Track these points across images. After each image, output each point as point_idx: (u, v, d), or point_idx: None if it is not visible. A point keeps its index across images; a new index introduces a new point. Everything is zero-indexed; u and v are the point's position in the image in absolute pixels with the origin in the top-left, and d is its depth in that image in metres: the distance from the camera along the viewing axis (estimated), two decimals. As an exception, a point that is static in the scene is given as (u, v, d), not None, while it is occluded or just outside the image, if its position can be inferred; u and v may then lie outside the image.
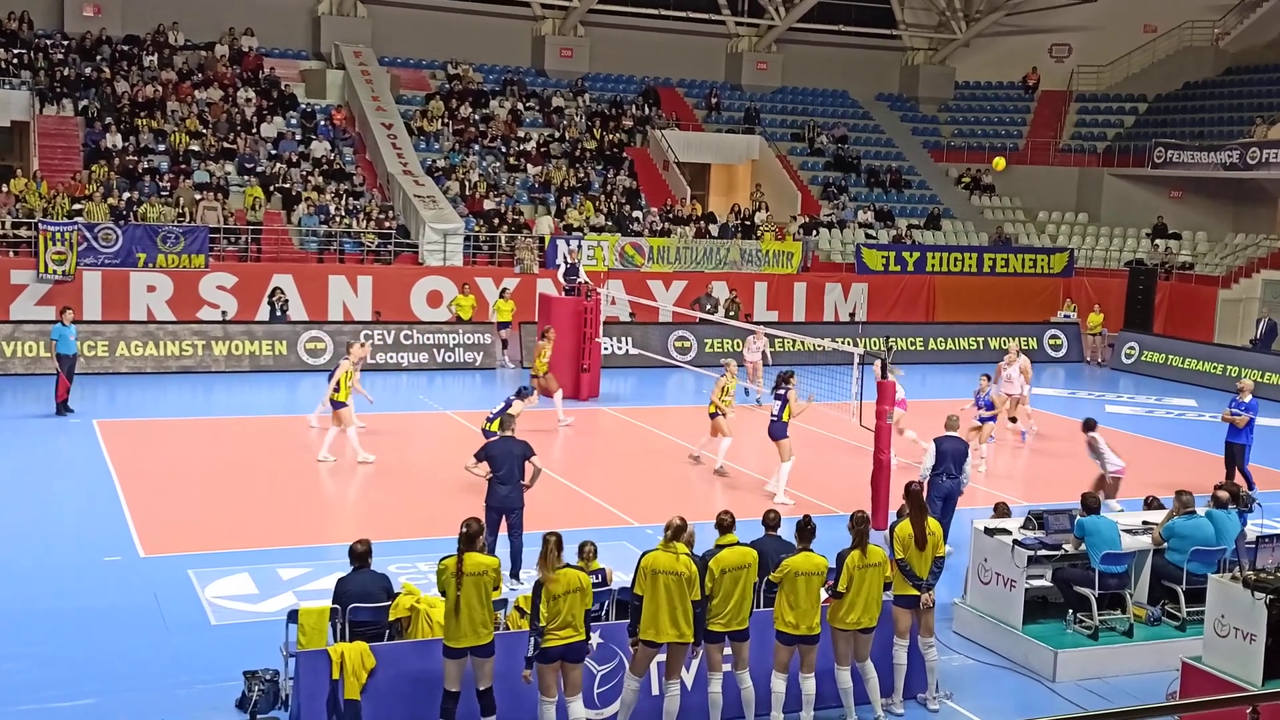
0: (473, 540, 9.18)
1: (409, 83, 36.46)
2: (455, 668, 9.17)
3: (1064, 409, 25.24)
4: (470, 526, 9.26)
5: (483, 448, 13.12)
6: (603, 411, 22.68)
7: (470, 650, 9.11)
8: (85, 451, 18.08)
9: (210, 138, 31.40)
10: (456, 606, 9.01)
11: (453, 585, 9.03)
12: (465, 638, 9.06)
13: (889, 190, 38.70)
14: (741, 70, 41.20)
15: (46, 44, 32.51)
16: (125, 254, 26.27)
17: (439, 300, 28.56)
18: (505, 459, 12.78)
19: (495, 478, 12.80)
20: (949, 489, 13.65)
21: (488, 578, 9.13)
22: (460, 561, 9.06)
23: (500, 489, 12.75)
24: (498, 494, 12.75)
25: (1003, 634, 11.81)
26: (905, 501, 10.85)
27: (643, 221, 33.09)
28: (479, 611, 9.06)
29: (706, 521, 10.99)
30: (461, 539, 9.20)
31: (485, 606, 9.11)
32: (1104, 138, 40.54)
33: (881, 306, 32.75)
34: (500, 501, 12.71)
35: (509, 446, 12.91)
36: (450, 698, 9.20)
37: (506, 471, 12.74)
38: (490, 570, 9.17)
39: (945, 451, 13.69)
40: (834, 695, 10.15)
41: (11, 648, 10.97)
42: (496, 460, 12.80)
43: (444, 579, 9.11)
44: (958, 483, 13.69)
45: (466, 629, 9.04)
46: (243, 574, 13.01)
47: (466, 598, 9.00)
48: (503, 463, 12.75)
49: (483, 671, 9.21)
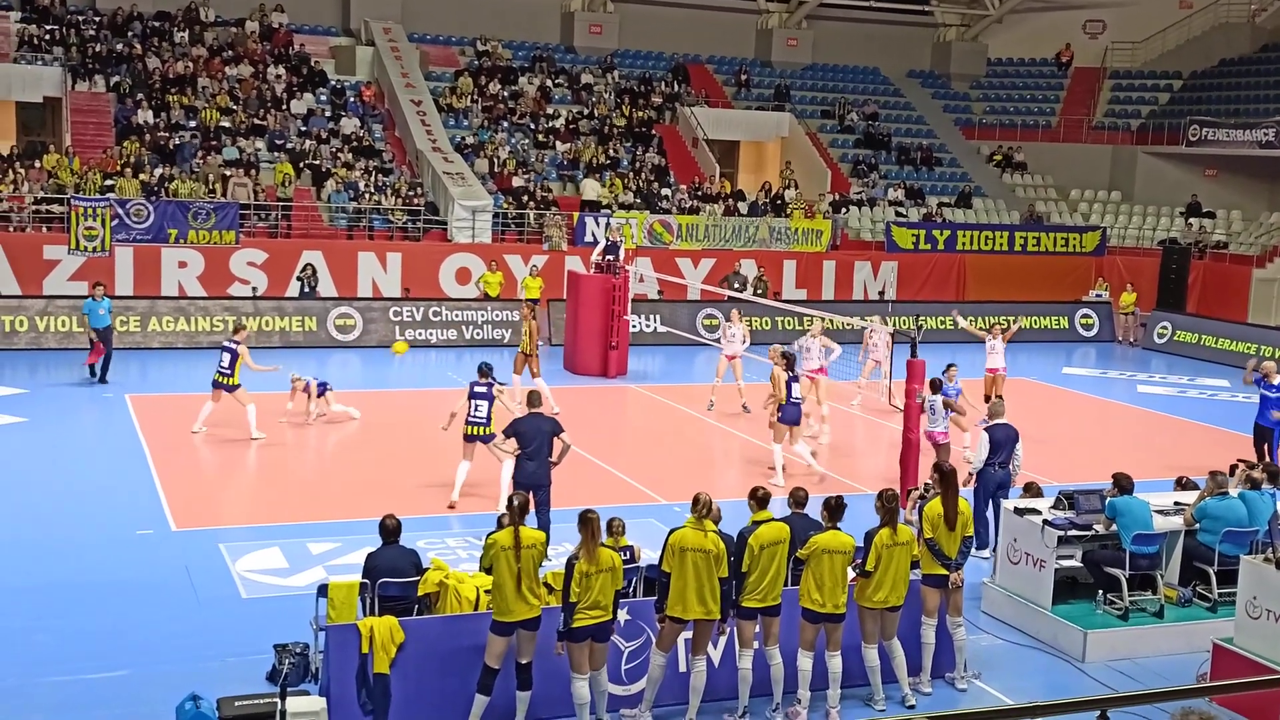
0: (524, 512, 9.23)
1: (438, 59, 36.43)
2: (502, 644, 9.20)
3: (1095, 389, 25.09)
4: (520, 499, 9.36)
5: (511, 424, 13.07)
6: (631, 389, 22.68)
7: (520, 624, 9.15)
8: (118, 426, 18.23)
9: (241, 114, 31.50)
10: (518, 580, 9.03)
11: (507, 559, 9.04)
12: (519, 611, 9.10)
13: (919, 168, 38.45)
14: (771, 47, 40.95)
15: (79, 20, 32.64)
16: (157, 230, 26.41)
17: (468, 277, 28.60)
18: (534, 435, 12.75)
19: (524, 454, 12.77)
20: (1001, 479, 13.25)
21: (538, 550, 9.21)
22: (517, 535, 9.09)
23: (528, 465, 12.72)
24: (525, 470, 12.73)
25: (1032, 614, 11.76)
26: (935, 480, 10.80)
27: (671, 199, 33.01)
28: (532, 584, 9.13)
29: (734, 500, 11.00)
30: (511, 512, 9.26)
31: (535, 580, 9.19)
32: (1138, 115, 40.13)
33: (911, 285, 32.58)
34: (528, 478, 12.67)
35: (538, 423, 12.89)
36: (490, 673, 9.24)
37: (535, 448, 12.72)
38: (539, 544, 9.25)
39: (1000, 441, 13.22)
40: (861, 673, 10.14)
41: (44, 620, 11.09)
42: (525, 437, 12.76)
43: (494, 553, 9.12)
44: (1008, 474, 13.31)
45: (521, 603, 9.08)
46: (273, 548, 13.10)
47: (525, 571, 9.05)
48: (532, 439, 12.72)
49: (528, 646, 9.26)
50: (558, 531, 13.38)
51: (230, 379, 17.47)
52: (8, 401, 19.31)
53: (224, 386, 17.53)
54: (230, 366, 17.46)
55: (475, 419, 14.59)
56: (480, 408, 14.57)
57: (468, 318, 26.56)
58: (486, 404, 14.60)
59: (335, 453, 17.45)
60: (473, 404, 14.58)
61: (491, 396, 14.72)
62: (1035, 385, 24.95)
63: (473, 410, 14.58)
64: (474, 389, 14.68)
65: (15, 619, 11.07)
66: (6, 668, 10.08)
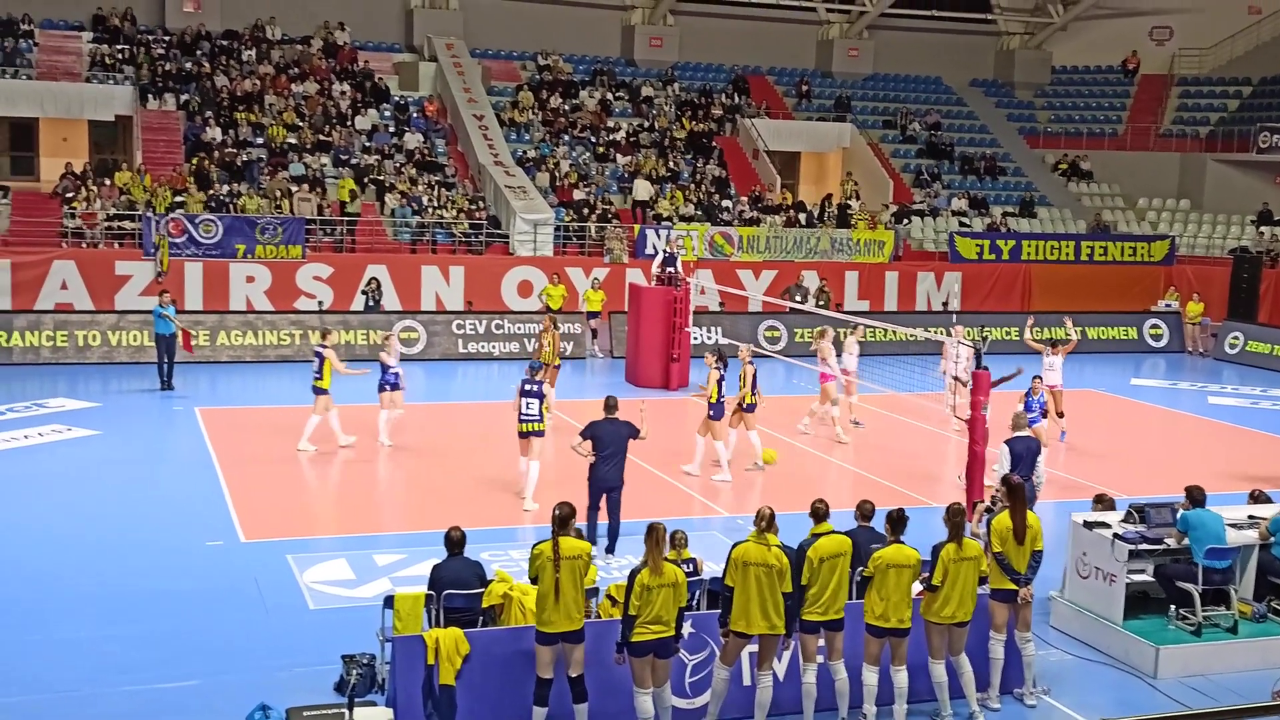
0: (565, 523, 9.20)
1: (500, 74, 36.72)
2: (549, 654, 9.21)
3: (1165, 400, 24.70)
4: (563, 510, 9.28)
5: (588, 427, 13.45)
6: (692, 401, 22.63)
7: (562, 636, 9.15)
8: (188, 438, 18.51)
9: (306, 130, 31.93)
10: (556, 591, 9.04)
11: (549, 570, 9.04)
12: (559, 623, 9.09)
13: (983, 177, 38.11)
14: (832, 57, 40.84)
15: (149, 40, 33.28)
16: (225, 245, 26.83)
17: (529, 290, 28.73)
18: (611, 439, 13.19)
19: (600, 456, 13.17)
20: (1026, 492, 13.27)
21: (581, 562, 9.16)
22: (556, 546, 9.10)
23: (603, 468, 13.15)
24: (600, 472, 13.16)
25: (1102, 629, 11.58)
26: (1003, 494, 10.68)
27: (732, 211, 32.99)
28: (573, 597, 9.09)
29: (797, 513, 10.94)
30: (555, 522, 9.23)
31: (579, 592, 9.14)
32: (1206, 122, 39.51)
33: (975, 296, 32.27)
34: (603, 480, 13.16)
35: (615, 427, 13.30)
36: (543, 684, 9.25)
37: (611, 451, 13.14)
38: (584, 555, 9.20)
39: (1019, 454, 13.27)
40: (928, 689, 10.04)
41: (117, 628, 11.28)
42: (602, 440, 13.18)
43: (538, 564, 9.13)
44: (1032, 485, 13.27)
45: (560, 614, 9.08)
46: (340, 560, 13.23)
47: (563, 582, 9.04)
48: (608, 443, 13.16)
49: (574, 658, 9.24)
50: (622, 543, 13.42)
51: (320, 382, 17.71)
52: (81, 414, 19.68)
53: (318, 390, 17.78)
54: (320, 371, 17.72)
55: (528, 416, 14.98)
56: (531, 405, 14.96)
57: (530, 330, 26.69)
58: (537, 401, 14.99)
59: (400, 465, 17.59)
60: (524, 402, 14.96)
61: (542, 394, 15.08)
62: (1103, 397, 24.61)
63: (524, 408, 14.96)
64: (525, 387, 15.05)
65: (90, 627, 11.27)
66: (81, 675, 10.26)
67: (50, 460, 17.03)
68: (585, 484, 13.45)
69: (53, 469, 16.59)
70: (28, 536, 13.81)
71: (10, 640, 10.92)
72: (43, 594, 12.05)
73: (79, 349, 23.91)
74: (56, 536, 13.82)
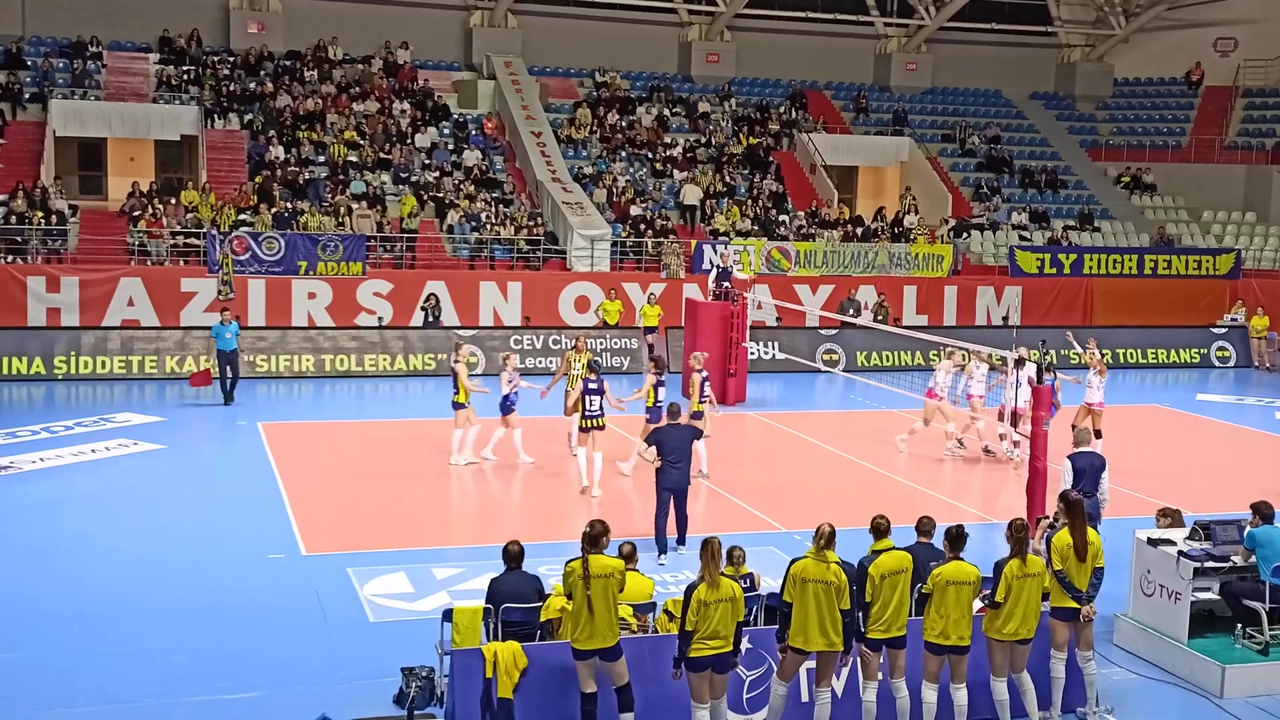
0: (597, 541, 9.23)
1: (557, 91, 36.95)
2: (586, 669, 9.25)
3: (1231, 415, 24.29)
4: (595, 528, 9.30)
5: (654, 433, 14.09)
6: (749, 416, 22.62)
7: (597, 653, 9.18)
8: (251, 453, 18.75)
9: (368, 148, 32.31)
10: (589, 609, 9.07)
11: (580, 588, 9.09)
12: (592, 640, 9.12)
13: (1044, 191, 37.75)
14: (890, 71, 40.67)
15: (214, 61, 33.87)
16: (288, 262, 27.18)
17: (587, 305, 28.84)
18: (677, 444, 13.76)
19: (667, 461, 13.68)
20: (1088, 509, 12.98)
21: (614, 580, 9.17)
22: (586, 564, 9.13)
23: (672, 472, 13.73)
24: (670, 476, 13.72)
25: (1167, 648, 11.40)
26: (1062, 511, 10.55)
27: (789, 225, 32.92)
28: (604, 614, 9.11)
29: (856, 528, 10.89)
30: (586, 540, 9.26)
31: (610, 610, 9.15)
32: (1273, 134, 38.87)
33: (1036, 310, 31.93)
34: (673, 483, 13.76)
35: (679, 432, 13.91)
36: (589, 699, 9.29)
37: (677, 456, 13.72)
38: (616, 573, 9.20)
39: (1082, 469, 12.99)
40: (988, 707, 9.93)
41: (181, 640, 11.43)
42: (666, 446, 13.72)
43: (570, 581, 9.18)
44: (1095, 502, 12.95)
45: (593, 632, 9.10)
46: (399, 573, 13.33)
47: (595, 600, 9.06)
48: (674, 448, 13.73)
49: (615, 672, 9.28)
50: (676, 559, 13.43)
51: (458, 397, 17.87)
52: (147, 429, 20.00)
53: (456, 405, 17.93)
54: (455, 385, 17.88)
55: (590, 413, 15.95)
56: (594, 402, 15.94)
57: (588, 346, 26.72)
58: (599, 399, 15.97)
59: (458, 479, 17.70)
60: (587, 399, 15.93)
61: (602, 391, 16.04)
62: (1169, 413, 24.26)
63: (587, 405, 15.90)
64: (587, 385, 16.04)
65: (155, 639, 11.43)
66: (146, 687, 10.41)
67: (116, 474, 17.32)
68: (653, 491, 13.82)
69: (118, 483, 16.87)
70: (94, 550, 14.06)
71: (77, 652, 11.10)
72: (108, 607, 12.24)
73: (145, 365, 24.31)
74: (121, 550, 14.04)
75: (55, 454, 18.15)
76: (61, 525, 14.88)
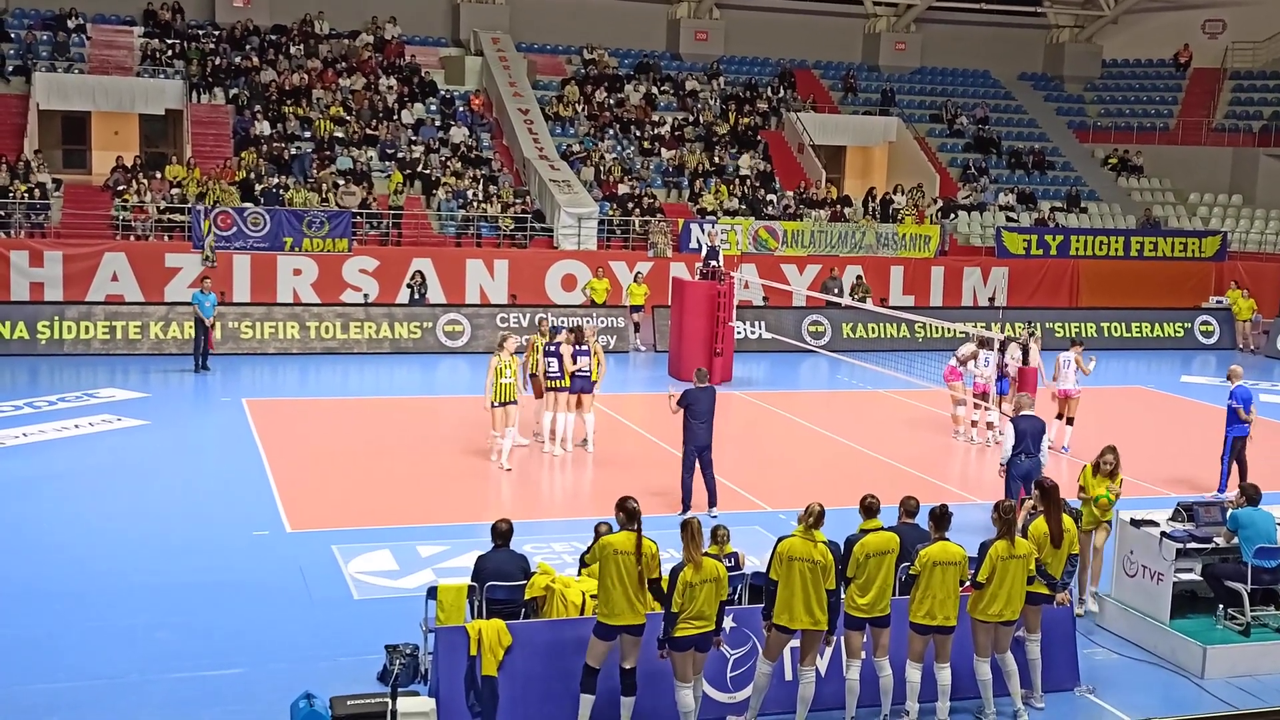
0: (636, 518, 9.21)
1: (545, 68, 36.78)
2: (604, 647, 9.23)
3: (1216, 397, 24.34)
4: (632, 504, 9.24)
5: (684, 394, 14.80)
6: (736, 395, 22.61)
7: (624, 629, 9.16)
8: (235, 429, 18.69)
9: (354, 124, 32.13)
10: (634, 584, 9.03)
11: (623, 564, 9.02)
12: (625, 616, 9.10)
13: (1031, 172, 37.77)
14: (879, 51, 40.60)
15: (198, 34, 33.63)
16: (272, 238, 27.06)
17: (573, 284, 28.80)
18: (704, 403, 14.68)
19: (696, 420, 14.58)
20: (1028, 468, 13.61)
21: (653, 562, 9.17)
22: (639, 542, 9.09)
23: (700, 429, 14.63)
24: (697, 434, 14.63)
25: (1149, 629, 11.46)
26: (1039, 499, 10.57)
27: (776, 205, 32.88)
28: (639, 591, 9.11)
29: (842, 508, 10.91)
30: (632, 517, 9.18)
31: (643, 587, 9.16)
32: (1259, 116, 38.93)
33: (1023, 291, 32.01)
34: (698, 438, 14.64)
35: (706, 394, 14.79)
36: (591, 672, 9.28)
37: (704, 414, 14.63)
38: (653, 555, 9.18)
39: (1024, 431, 13.72)
40: (972, 686, 9.97)
41: (164, 617, 11.40)
42: (695, 409, 14.61)
43: (606, 554, 9.11)
44: (1037, 461, 13.69)
45: (627, 608, 9.08)
46: (384, 550, 13.31)
47: (630, 577, 9.03)
48: (702, 407, 14.64)
49: (631, 651, 9.27)
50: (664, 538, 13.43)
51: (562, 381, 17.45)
52: (130, 405, 19.92)
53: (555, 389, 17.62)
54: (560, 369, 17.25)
55: (550, 374, 17.15)
56: (552, 364, 17.13)
57: (574, 324, 26.67)
58: (555, 360, 17.11)
59: (443, 457, 17.66)
60: (546, 361, 17.20)
61: (588, 351, 17.21)
62: (1153, 394, 24.33)
63: (547, 368, 17.17)
64: (547, 350, 17.26)
65: (138, 615, 11.40)
66: (129, 663, 10.38)
67: (100, 450, 17.25)
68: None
69: (102, 458, 16.80)
70: (77, 525, 14.00)
71: (59, 628, 11.07)
72: (91, 582, 12.20)
73: (129, 340, 24.19)
74: (104, 525, 14.00)
75: (38, 429, 18.06)
76: (44, 501, 14.82)
